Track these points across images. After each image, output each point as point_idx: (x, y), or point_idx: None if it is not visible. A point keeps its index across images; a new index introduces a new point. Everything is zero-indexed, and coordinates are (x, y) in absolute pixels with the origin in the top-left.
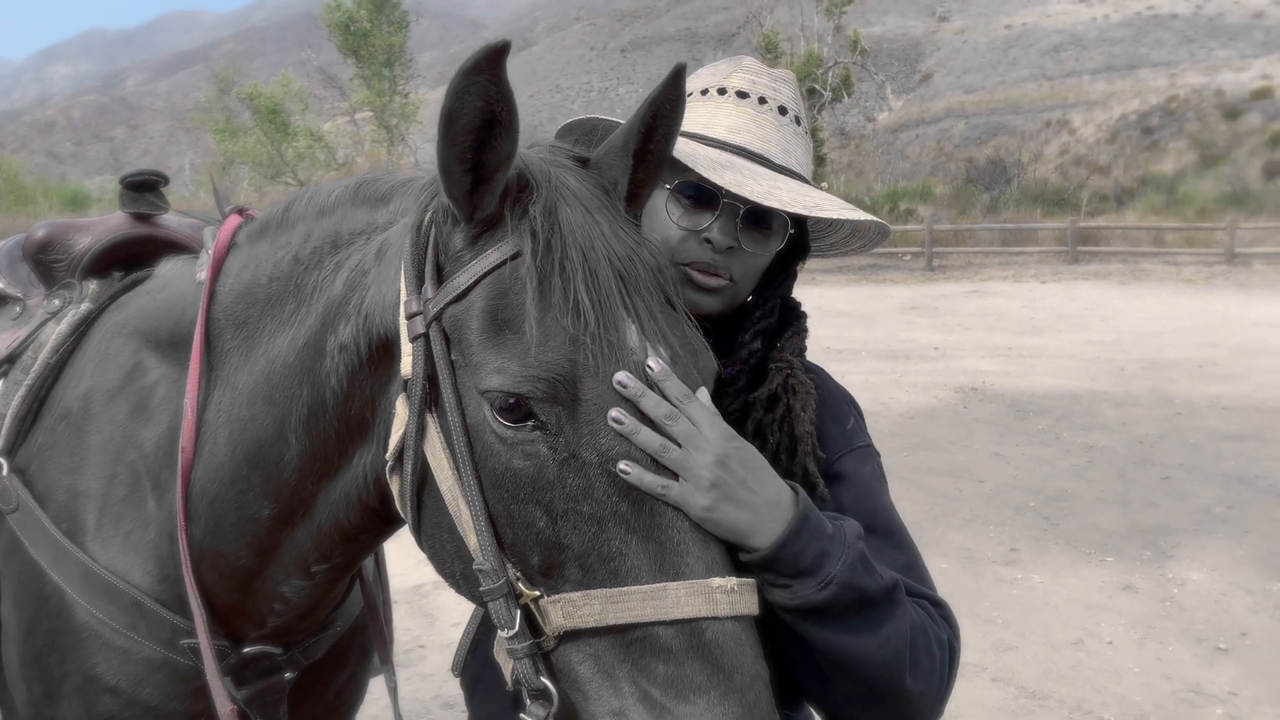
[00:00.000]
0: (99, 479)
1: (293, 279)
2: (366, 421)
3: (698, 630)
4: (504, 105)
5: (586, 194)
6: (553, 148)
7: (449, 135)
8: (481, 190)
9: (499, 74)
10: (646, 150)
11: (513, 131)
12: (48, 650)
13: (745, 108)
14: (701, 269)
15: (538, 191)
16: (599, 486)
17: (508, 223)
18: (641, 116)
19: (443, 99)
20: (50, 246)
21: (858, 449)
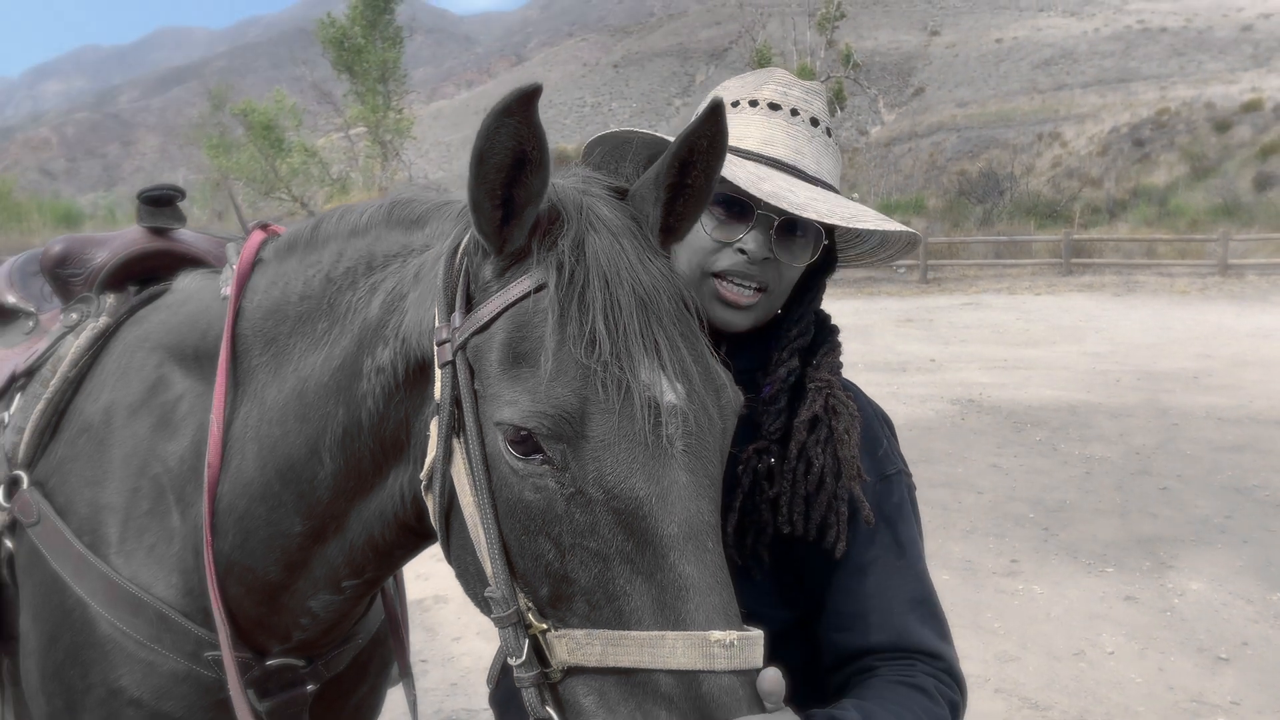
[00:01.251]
0: (122, 492)
1: (325, 298)
2: (402, 442)
3: (695, 680)
4: (535, 144)
5: (618, 224)
6: (588, 178)
7: (480, 173)
8: (511, 225)
9: (530, 114)
10: (683, 185)
11: (543, 169)
12: (70, 663)
13: (778, 119)
14: (735, 281)
15: (568, 224)
16: (604, 524)
17: (534, 256)
18: (675, 152)
19: (475, 138)
20: (68, 261)
21: (888, 477)
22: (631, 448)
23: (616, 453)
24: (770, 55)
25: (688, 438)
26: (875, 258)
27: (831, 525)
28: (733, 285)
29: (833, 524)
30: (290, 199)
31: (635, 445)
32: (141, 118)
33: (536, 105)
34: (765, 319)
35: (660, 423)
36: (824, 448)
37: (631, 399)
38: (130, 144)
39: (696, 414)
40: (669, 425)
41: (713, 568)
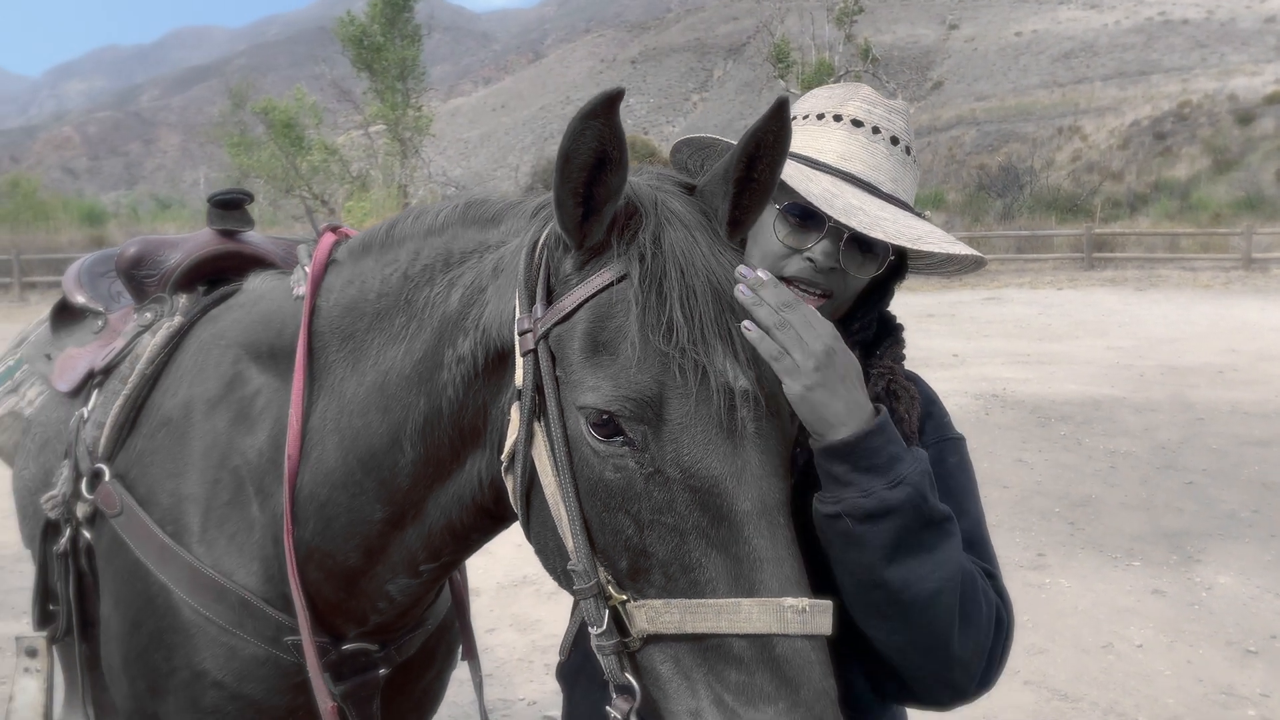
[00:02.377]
0: (202, 483)
1: (403, 295)
2: (479, 429)
3: (769, 644)
4: (616, 145)
5: (690, 218)
6: (660, 174)
7: (564, 173)
8: (591, 220)
9: (613, 117)
10: (749, 179)
11: (623, 168)
12: (154, 647)
13: (859, 135)
14: (801, 286)
15: (645, 218)
16: (681, 501)
17: (614, 249)
18: (743, 147)
19: (561, 139)
20: (143, 262)
21: (947, 440)
22: (707, 430)
23: (693, 434)
24: (788, 50)
25: (758, 421)
26: (943, 270)
27: None
28: (799, 289)
29: None
30: (311, 196)
31: (710, 428)
32: (162, 116)
33: (618, 108)
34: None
35: (734, 406)
36: None
37: (707, 384)
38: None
39: (767, 399)
40: (741, 409)
41: (784, 541)
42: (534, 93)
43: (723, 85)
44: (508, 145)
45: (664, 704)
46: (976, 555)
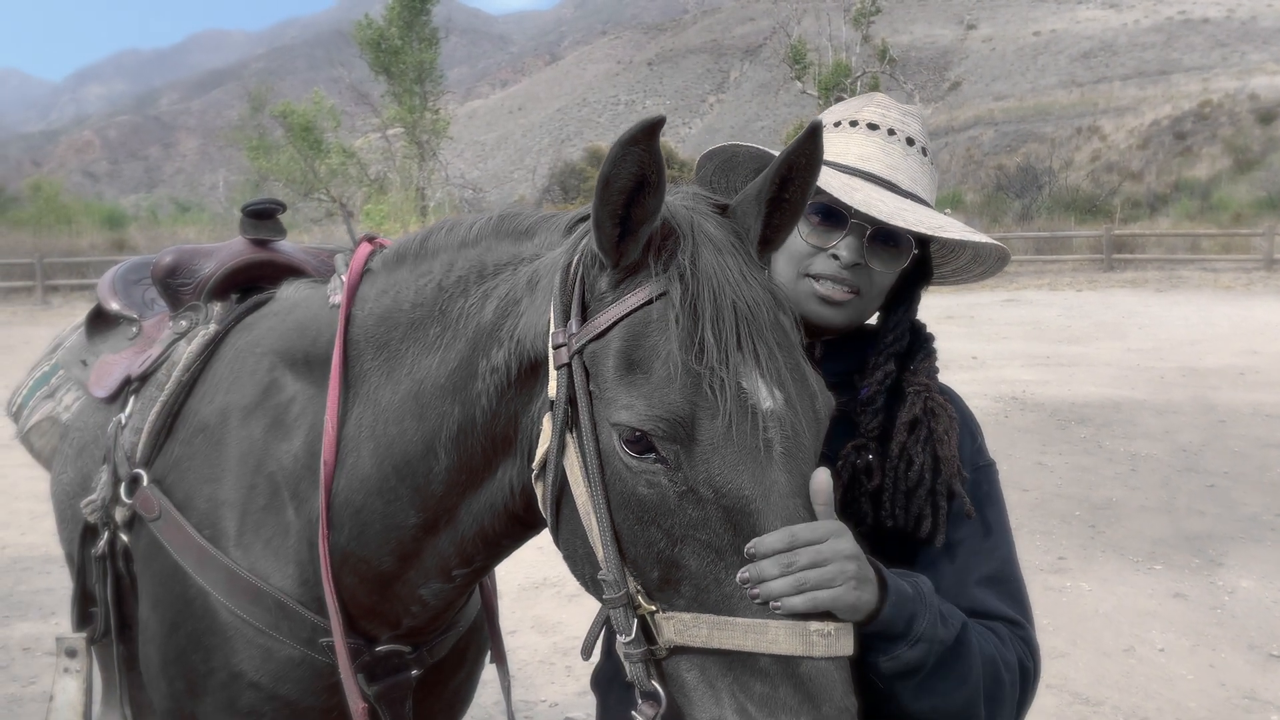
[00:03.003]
0: (239, 489)
1: (437, 305)
2: (510, 438)
3: (793, 662)
4: (654, 170)
5: (722, 240)
6: (695, 195)
7: (604, 196)
8: (628, 240)
9: (653, 143)
10: (781, 199)
11: (660, 191)
12: (192, 648)
13: (875, 138)
14: (830, 282)
15: (683, 240)
16: (714, 519)
17: (650, 269)
18: (776, 169)
19: (602, 164)
20: (178, 271)
21: (980, 468)
22: (737, 450)
23: (724, 454)
24: (805, 51)
25: (786, 441)
26: (969, 274)
27: (927, 517)
28: (828, 284)
29: (927, 515)
30: (329, 199)
31: (740, 448)
32: (182, 120)
33: (659, 135)
34: (858, 320)
35: (761, 427)
36: (923, 447)
37: (736, 404)
38: (171, 146)
39: (794, 419)
40: (769, 429)
41: None
42: (551, 95)
43: (739, 86)
44: (525, 147)
45: (688, 710)
46: (1003, 596)
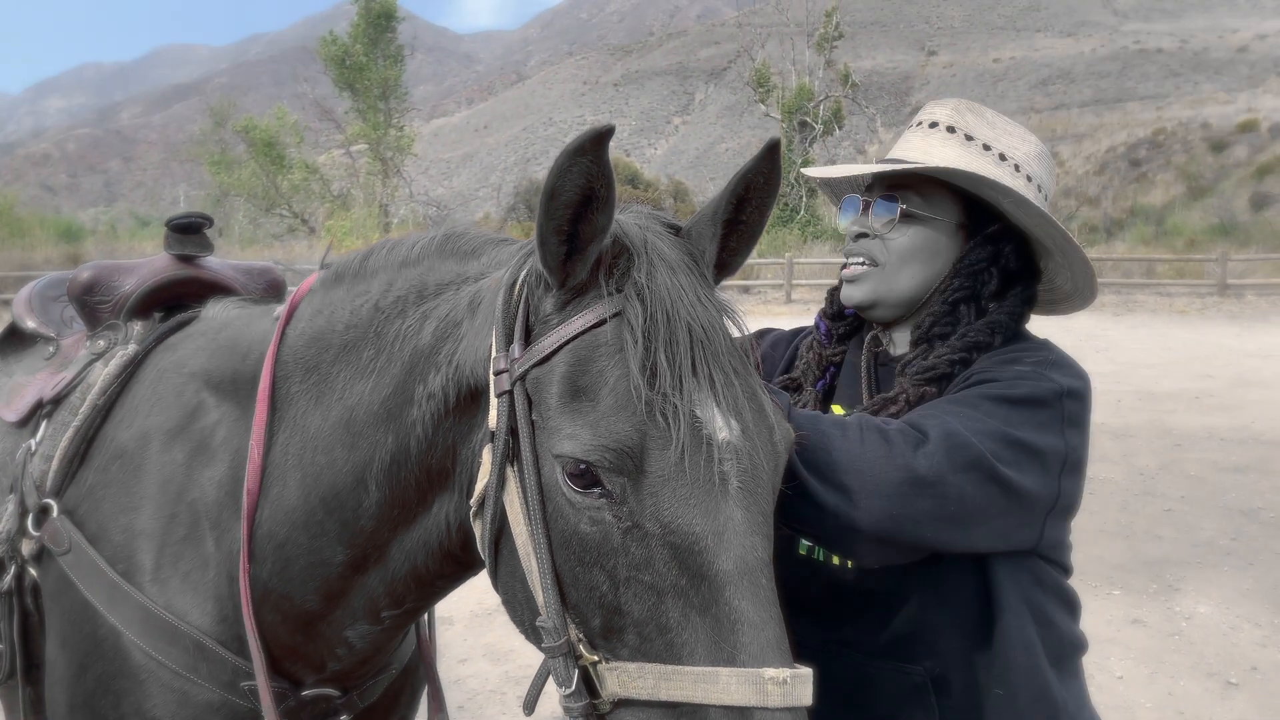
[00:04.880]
0: (158, 518)
1: (372, 327)
2: (447, 470)
3: (747, 712)
4: (603, 183)
5: (676, 260)
6: (648, 214)
7: (549, 210)
8: (575, 260)
9: (601, 154)
10: (738, 221)
11: (610, 207)
12: (101, 692)
13: (903, 136)
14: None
15: (636, 259)
16: (660, 558)
17: (601, 289)
18: (732, 188)
19: (546, 176)
20: (95, 288)
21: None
22: (688, 484)
23: (674, 488)
24: (769, 75)
25: (742, 475)
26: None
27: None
28: (847, 265)
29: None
30: (291, 215)
31: (692, 481)
32: (143, 134)
33: (608, 145)
34: (887, 294)
35: (715, 459)
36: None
37: (689, 434)
38: (131, 160)
39: (751, 451)
40: (724, 462)
41: (766, 604)
42: (517, 114)
43: (704, 109)
44: (490, 165)
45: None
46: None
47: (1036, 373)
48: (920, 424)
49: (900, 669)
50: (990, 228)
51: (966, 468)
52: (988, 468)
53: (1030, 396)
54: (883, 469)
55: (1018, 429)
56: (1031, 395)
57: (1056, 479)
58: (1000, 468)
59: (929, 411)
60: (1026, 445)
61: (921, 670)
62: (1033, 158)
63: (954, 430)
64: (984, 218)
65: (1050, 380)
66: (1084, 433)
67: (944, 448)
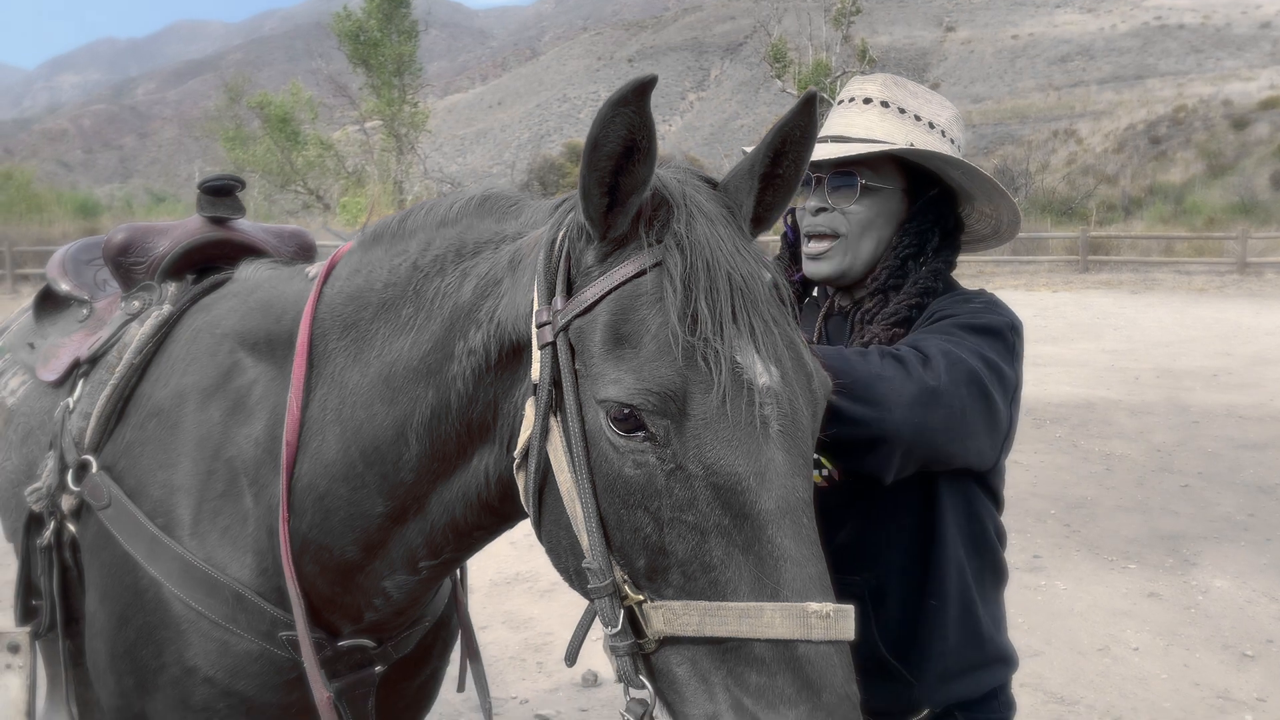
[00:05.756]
0: (195, 475)
1: (411, 285)
2: (488, 424)
3: (791, 646)
4: (645, 134)
5: (714, 212)
6: (685, 169)
7: (592, 161)
8: (616, 211)
9: (644, 105)
10: (774, 175)
11: (651, 158)
12: (143, 642)
13: (836, 111)
14: (812, 238)
15: (675, 211)
16: (703, 498)
17: (641, 240)
18: (769, 142)
19: (589, 127)
20: (130, 249)
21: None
22: (730, 426)
23: (716, 431)
24: (785, 50)
25: (783, 419)
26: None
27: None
28: (810, 243)
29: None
30: (306, 191)
31: (734, 424)
32: (158, 110)
33: (649, 97)
34: (852, 264)
35: (756, 403)
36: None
37: (730, 378)
38: (146, 136)
39: (790, 396)
40: (764, 406)
41: (808, 541)
42: (530, 90)
43: (719, 84)
44: (504, 142)
45: (679, 708)
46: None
47: (989, 308)
48: (919, 345)
49: (842, 580)
50: (930, 191)
51: (966, 382)
52: (980, 383)
53: (989, 326)
54: (903, 383)
55: (989, 353)
56: (990, 325)
57: (1009, 405)
58: (987, 384)
59: (918, 337)
60: (998, 367)
61: (861, 581)
62: (952, 122)
63: (949, 349)
64: (923, 181)
65: (1001, 315)
66: (1021, 367)
67: (946, 363)
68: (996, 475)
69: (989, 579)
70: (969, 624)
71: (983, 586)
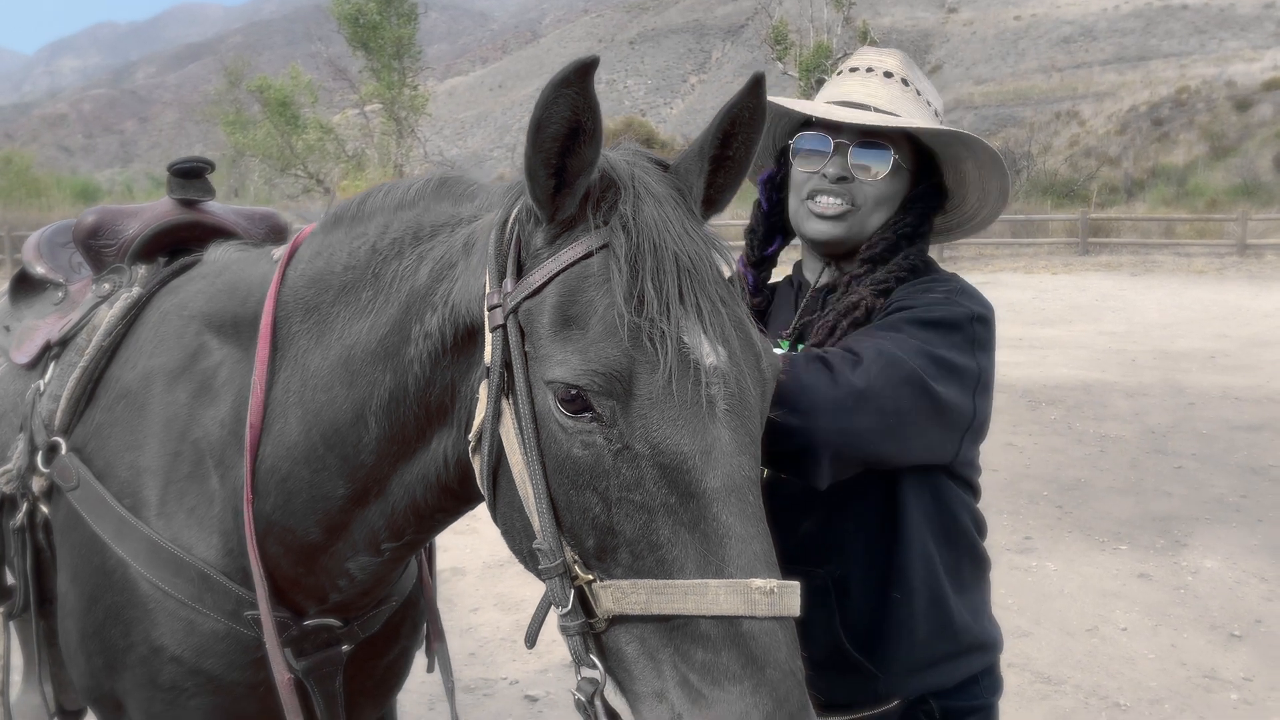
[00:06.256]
0: (162, 456)
1: (370, 268)
2: (446, 407)
3: (735, 622)
4: (590, 115)
5: (663, 194)
6: (635, 151)
7: (536, 142)
8: (564, 193)
9: (586, 86)
10: (724, 157)
11: (596, 139)
12: (111, 622)
13: (855, 77)
14: (820, 197)
15: (623, 192)
16: (649, 478)
17: (589, 222)
18: (718, 124)
19: (533, 108)
20: (100, 232)
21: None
22: (676, 406)
23: (663, 410)
24: (786, 32)
25: (729, 398)
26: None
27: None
28: (821, 199)
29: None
30: (306, 175)
31: (679, 404)
32: (158, 94)
33: (592, 78)
34: (857, 234)
35: (702, 383)
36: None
37: (677, 358)
38: (147, 120)
39: (738, 375)
40: (711, 386)
41: (753, 519)
42: (532, 73)
43: (721, 67)
44: (505, 125)
45: (629, 686)
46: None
47: (949, 299)
48: (854, 347)
49: (806, 571)
50: (933, 178)
51: (901, 382)
52: (919, 381)
53: (945, 319)
54: (826, 390)
55: (938, 348)
56: (946, 318)
57: (971, 397)
58: (929, 381)
59: (859, 336)
60: (947, 362)
61: (824, 573)
62: (941, 108)
63: (885, 349)
64: (928, 163)
65: (962, 306)
66: (991, 356)
67: (878, 365)
68: (967, 466)
69: (966, 569)
70: (939, 616)
71: (958, 577)
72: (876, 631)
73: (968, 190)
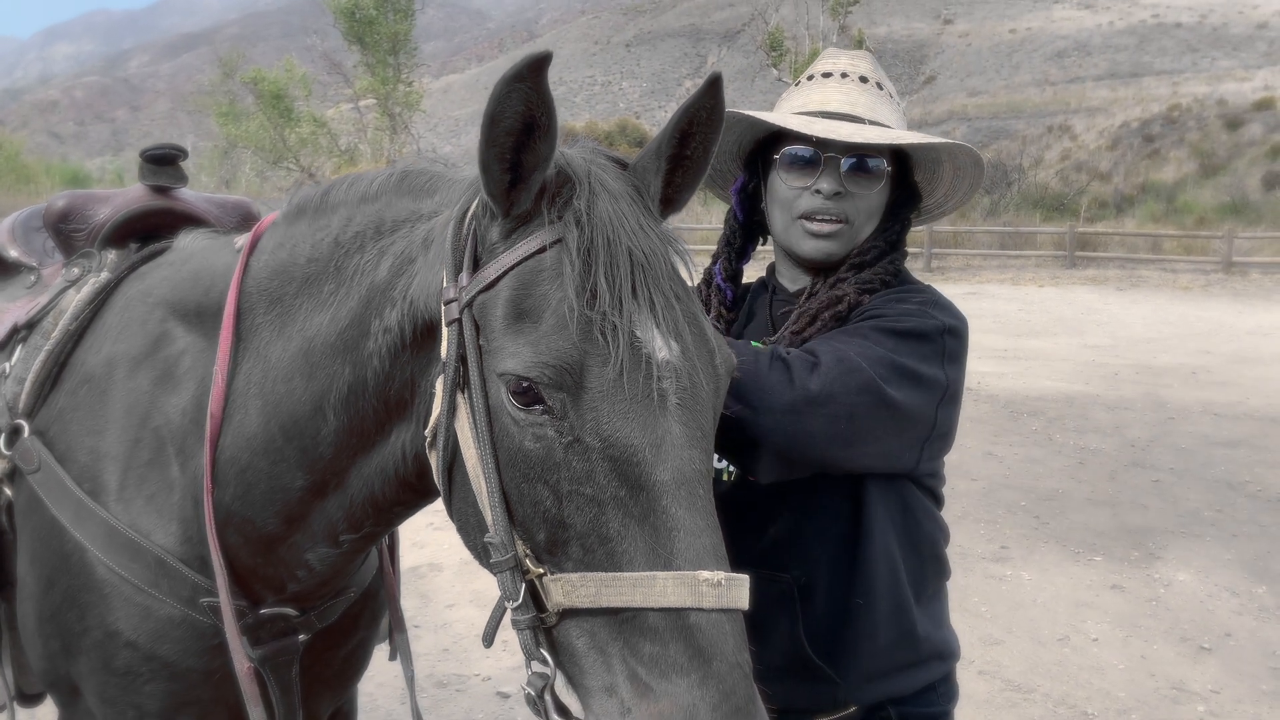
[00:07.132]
0: (123, 442)
1: (332, 261)
2: (406, 401)
3: (683, 615)
4: (544, 110)
5: (619, 190)
6: (594, 148)
7: (490, 136)
8: (519, 188)
9: (540, 81)
10: (682, 156)
11: (551, 135)
12: (67, 606)
13: (830, 84)
14: (817, 218)
15: (578, 188)
16: (600, 471)
17: (544, 217)
18: (675, 123)
19: (486, 103)
20: (70, 216)
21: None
22: (627, 399)
23: (613, 403)
24: (782, 39)
25: (681, 392)
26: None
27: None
28: (816, 221)
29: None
30: (298, 169)
31: (630, 397)
32: (151, 83)
33: (546, 72)
34: (849, 248)
35: (654, 376)
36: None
37: (628, 352)
38: (139, 109)
39: (690, 370)
40: (663, 380)
41: (703, 512)
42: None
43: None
44: None
45: (579, 680)
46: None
47: (921, 310)
48: (815, 350)
49: (770, 576)
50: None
51: (857, 390)
52: (876, 390)
53: (915, 330)
54: (781, 389)
55: (903, 357)
56: (916, 329)
57: (935, 408)
58: (888, 390)
59: (824, 340)
60: (911, 372)
61: (789, 578)
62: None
63: (845, 355)
64: (902, 165)
65: (933, 318)
66: (961, 369)
67: (836, 370)
68: (930, 477)
69: (929, 577)
70: (901, 623)
71: (921, 585)
72: (839, 638)
73: (936, 187)
